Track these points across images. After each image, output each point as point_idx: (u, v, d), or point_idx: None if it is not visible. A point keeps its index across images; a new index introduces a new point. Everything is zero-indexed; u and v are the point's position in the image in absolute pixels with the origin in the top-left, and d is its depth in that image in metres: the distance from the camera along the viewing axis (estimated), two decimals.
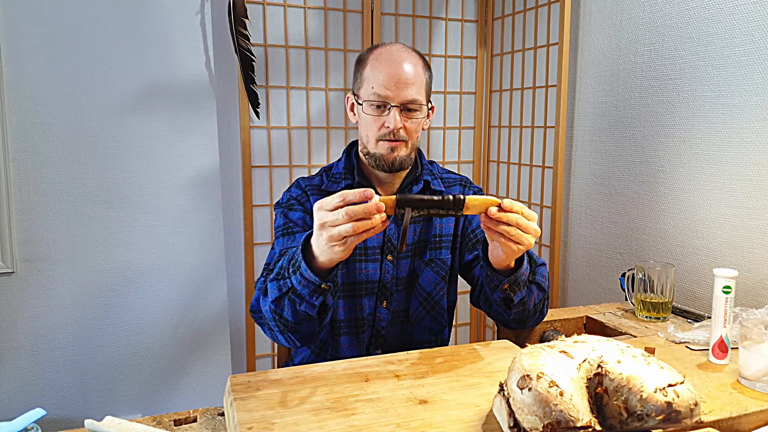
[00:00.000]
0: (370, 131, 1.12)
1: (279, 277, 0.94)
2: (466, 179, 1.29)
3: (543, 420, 0.64)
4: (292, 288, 0.91)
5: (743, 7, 1.31)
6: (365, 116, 1.12)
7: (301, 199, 1.18)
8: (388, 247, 1.17)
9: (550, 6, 1.89)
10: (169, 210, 1.91)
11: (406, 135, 1.12)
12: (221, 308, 2.01)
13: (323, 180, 1.21)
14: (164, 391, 1.97)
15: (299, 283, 0.90)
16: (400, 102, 1.09)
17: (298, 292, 0.91)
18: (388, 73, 1.09)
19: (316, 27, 1.99)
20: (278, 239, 1.15)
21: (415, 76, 1.11)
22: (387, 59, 1.11)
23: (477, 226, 1.21)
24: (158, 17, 1.83)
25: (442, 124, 2.23)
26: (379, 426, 0.74)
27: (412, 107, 1.11)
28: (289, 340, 0.99)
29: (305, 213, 1.16)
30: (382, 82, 1.09)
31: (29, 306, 1.79)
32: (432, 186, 1.21)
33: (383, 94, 1.09)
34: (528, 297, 1.04)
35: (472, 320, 2.36)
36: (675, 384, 0.67)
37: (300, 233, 1.13)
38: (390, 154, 1.12)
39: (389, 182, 1.19)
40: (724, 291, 0.98)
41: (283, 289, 0.93)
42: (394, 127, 1.09)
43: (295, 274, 0.90)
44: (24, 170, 1.74)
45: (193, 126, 1.91)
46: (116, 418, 0.80)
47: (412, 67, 1.11)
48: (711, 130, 1.40)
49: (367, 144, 1.14)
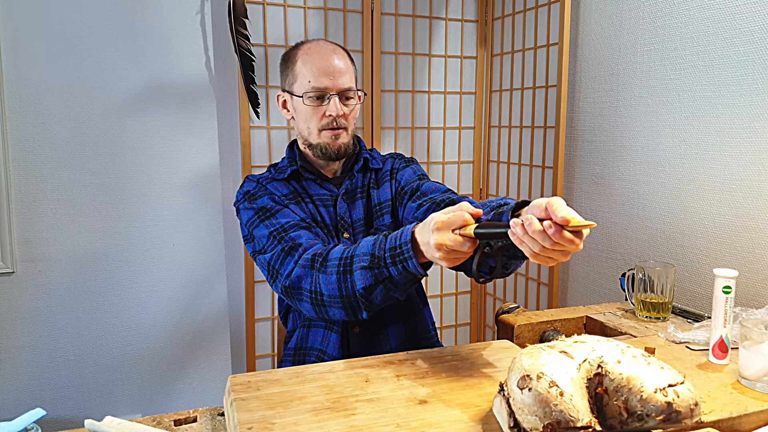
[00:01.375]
0: (311, 123, 1.18)
1: (372, 266, 0.96)
2: (398, 154, 1.35)
3: (543, 420, 0.64)
4: (390, 277, 0.96)
5: (743, 7, 1.31)
6: (305, 108, 1.17)
7: (260, 190, 1.20)
8: (342, 225, 1.21)
9: (550, 6, 1.89)
10: (169, 210, 1.91)
11: (345, 122, 1.18)
12: (221, 308, 2.01)
13: (271, 172, 1.26)
14: (164, 391, 1.97)
15: (400, 274, 0.95)
16: (338, 90, 1.16)
17: (396, 281, 0.96)
18: (322, 65, 1.15)
19: (316, 27, 1.99)
20: (257, 226, 1.14)
21: (346, 66, 1.18)
22: (318, 53, 1.17)
23: (406, 182, 1.25)
24: (158, 17, 1.83)
25: (442, 124, 2.23)
26: (379, 426, 0.73)
27: (349, 95, 1.18)
28: (355, 312, 1.01)
29: (271, 196, 1.19)
30: (318, 73, 1.15)
31: (29, 306, 1.79)
32: (371, 165, 1.27)
33: (321, 85, 1.15)
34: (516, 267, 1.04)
35: (472, 320, 2.36)
36: (675, 384, 0.67)
37: (279, 212, 1.15)
38: (334, 142, 1.18)
39: (330, 167, 1.25)
40: (724, 291, 0.98)
41: (380, 278, 0.96)
42: (336, 114, 1.15)
43: (396, 265, 0.94)
44: (24, 170, 1.74)
45: (193, 126, 1.91)
46: (116, 418, 0.80)
47: (342, 58, 1.18)
48: (711, 130, 1.40)
49: (309, 136, 1.20)
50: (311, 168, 1.24)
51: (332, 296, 1.01)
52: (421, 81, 2.18)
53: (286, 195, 1.20)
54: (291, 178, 1.23)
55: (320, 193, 1.23)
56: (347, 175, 1.25)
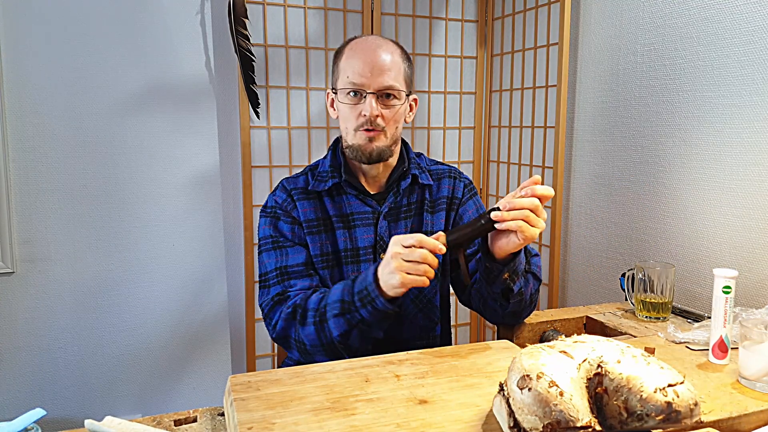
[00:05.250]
0: (348, 122, 1.11)
1: (344, 312, 0.99)
2: (455, 171, 1.27)
3: (543, 420, 0.64)
4: (362, 320, 0.97)
5: (743, 7, 1.31)
6: (342, 107, 1.11)
7: (288, 207, 1.16)
8: (380, 246, 1.17)
9: (550, 6, 1.89)
10: (169, 210, 1.91)
11: (383, 123, 1.09)
12: (221, 308, 2.01)
13: (309, 180, 1.19)
14: (164, 391, 1.97)
15: (370, 314, 0.97)
16: (375, 89, 1.08)
17: (369, 322, 0.98)
18: (363, 60, 1.08)
19: (316, 27, 1.99)
20: (268, 252, 1.14)
21: (391, 63, 1.09)
22: (362, 48, 1.10)
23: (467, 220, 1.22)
24: (158, 17, 1.83)
25: (442, 124, 2.23)
26: (379, 426, 0.73)
27: (390, 93, 1.10)
28: (339, 356, 1.03)
29: (293, 224, 1.15)
30: (357, 69, 1.08)
31: (29, 306, 1.79)
32: (420, 180, 1.20)
33: (358, 81, 1.08)
34: (525, 287, 1.06)
35: (472, 320, 2.36)
36: (675, 384, 0.67)
37: (291, 248, 1.13)
38: (368, 144, 1.10)
39: (375, 176, 1.18)
40: (724, 291, 0.98)
41: (353, 322, 0.98)
42: (370, 114, 1.07)
43: (365, 307, 0.96)
44: (24, 170, 1.74)
45: (193, 126, 1.91)
46: (116, 418, 0.80)
47: (389, 54, 1.10)
48: (711, 130, 1.40)
49: (347, 136, 1.13)
50: (355, 182, 1.16)
51: (314, 345, 1.03)
52: (421, 81, 2.18)
53: (311, 221, 1.15)
54: (329, 192, 1.17)
55: (362, 210, 1.16)
56: (392, 190, 1.18)
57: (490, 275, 1.03)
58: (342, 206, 1.17)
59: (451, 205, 1.22)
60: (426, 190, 1.21)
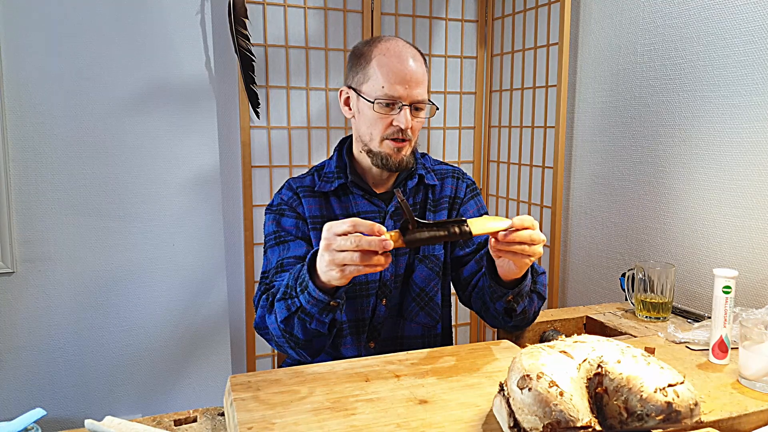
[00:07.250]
0: (375, 129, 1.10)
1: (286, 297, 0.94)
2: (458, 171, 1.27)
3: (543, 420, 0.64)
4: (301, 307, 0.92)
5: (743, 7, 1.31)
6: (371, 114, 1.09)
7: (293, 203, 1.16)
8: None
9: (550, 6, 1.89)
10: (169, 210, 1.91)
11: (411, 134, 1.10)
12: (221, 308, 2.01)
13: (315, 180, 1.19)
14: (164, 391, 1.97)
15: (308, 302, 0.91)
16: (411, 101, 1.08)
17: (308, 311, 0.92)
18: (398, 71, 1.06)
19: (316, 27, 1.99)
20: (272, 248, 1.14)
21: (423, 75, 1.09)
22: (396, 56, 1.08)
23: None
24: (158, 17, 1.83)
25: (442, 124, 2.23)
26: (379, 426, 0.73)
27: (420, 106, 1.10)
28: (300, 354, 1.00)
29: (298, 219, 1.15)
30: (393, 80, 1.06)
31: (29, 306, 1.79)
32: (426, 180, 1.20)
33: (396, 94, 1.06)
34: (529, 306, 1.06)
35: (472, 320, 2.36)
36: (675, 384, 0.67)
37: (293, 242, 1.12)
38: (397, 155, 1.10)
39: (383, 179, 1.19)
40: (724, 291, 0.98)
41: (292, 308, 0.93)
42: (405, 126, 1.07)
43: (303, 293, 0.91)
44: (24, 170, 1.74)
45: (193, 126, 1.91)
46: (116, 418, 0.80)
47: (420, 65, 1.10)
48: (711, 130, 1.40)
49: (370, 142, 1.12)
50: (361, 183, 1.16)
51: (277, 336, 0.99)
52: None
53: (316, 217, 1.15)
54: (335, 192, 1.17)
55: (368, 210, 1.17)
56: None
57: (494, 294, 1.04)
58: (349, 206, 1.17)
59: (452, 204, 1.23)
60: (430, 189, 1.22)
